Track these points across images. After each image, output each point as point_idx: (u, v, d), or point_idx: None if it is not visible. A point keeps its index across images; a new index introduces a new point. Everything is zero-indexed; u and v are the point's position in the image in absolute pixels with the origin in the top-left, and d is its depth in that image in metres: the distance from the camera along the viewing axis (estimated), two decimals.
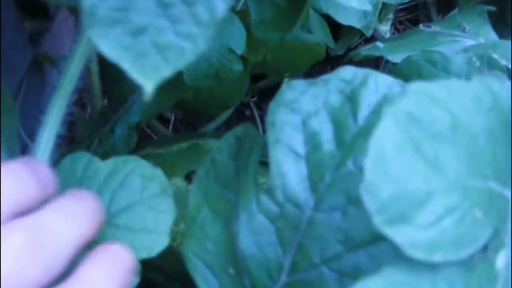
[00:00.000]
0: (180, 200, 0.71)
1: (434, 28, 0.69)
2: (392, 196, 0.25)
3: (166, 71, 0.37)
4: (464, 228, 0.26)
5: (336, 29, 1.03)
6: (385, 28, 1.06)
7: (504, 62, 0.51)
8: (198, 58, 0.61)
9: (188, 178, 0.71)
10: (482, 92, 0.29)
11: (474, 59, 0.53)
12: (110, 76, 0.73)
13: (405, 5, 1.20)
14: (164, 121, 1.06)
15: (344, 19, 0.61)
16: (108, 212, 0.46)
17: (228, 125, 1.04)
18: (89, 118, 0.95)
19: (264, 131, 1.02)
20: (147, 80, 0.36)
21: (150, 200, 0.46)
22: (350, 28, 1.00)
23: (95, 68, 0.78)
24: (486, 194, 0.28)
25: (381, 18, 1.05)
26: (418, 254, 0.25)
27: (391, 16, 1.08)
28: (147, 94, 0.36)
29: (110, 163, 0.46)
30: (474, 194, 0.27)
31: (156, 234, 0.45)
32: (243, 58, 0.76)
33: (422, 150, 0.26)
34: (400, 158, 0.26)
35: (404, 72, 0.54)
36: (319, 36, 0.75)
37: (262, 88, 1.04)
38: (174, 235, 0.69)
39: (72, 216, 0.35)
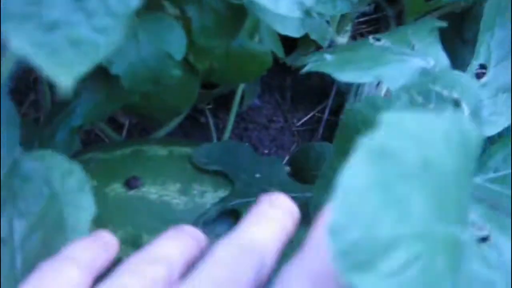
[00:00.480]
0: (119, 205, 0.70)
1: (384, 42, 0.69)
2: (359, 240, 0.24)
3: (81, 67, 0.36)
4: (428, 278, 0.25)
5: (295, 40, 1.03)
6: (342, 40, 1.06)
7: (446, 94, 0.50)
8: (136, 62, 0.60)
9: (128, 184, 0.70)
10: (452, 128, 0.28)
11: (416, 96, 0.52)
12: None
13: (366, 18, 1.20)
14: (118, 126, 1.05)
15: (281, 29, 0.61)
16: None
17: (182, 131, 1.04)
18: (35, 121, 0.94)
19: (218, 138, 1.02)
20: (62, 77, 0.36)
21: (67, 195, 0.46)
22: (306, 39, 1.01)
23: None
24: (450, 240, 0.27)
25: (339, 29, 1.05)
26: None
27: (349, 27, 1.08)
28: (63, 91, 0.35)
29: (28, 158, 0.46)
30: (439, 240, 0.26)
31: (75, 230, 0.44)
32: (190, 64, 0.76)
33: (392, 191, 0.25)
34: (370, 199, 0.25)
35: (350, 122, 0.52)
36: (268, 45, 0.75)
37: (218, 95, 1.04)
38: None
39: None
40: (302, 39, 1.03)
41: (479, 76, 0.49)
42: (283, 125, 1.08)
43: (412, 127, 0.26)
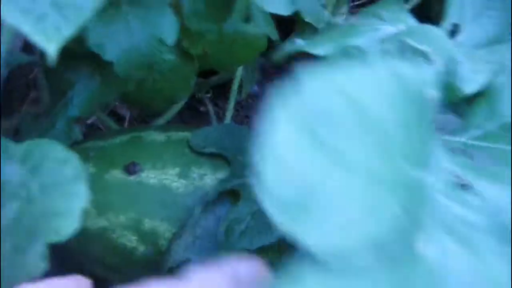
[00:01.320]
0: (119, 191, 0.71)
1: (355, 20, 0.69)
2: (295, 195, 0.24)
3: (67, 31, 0.37)
4: (382, 223, 0.24)
5: (291, 24, 1.03)
6: (337, 22, 1.07)
7: (420, 47, 0.51)
8: (129, 48, 0.61)
9: (127, 169, 0.71)
10: (386, 76, 0.28)
11: (391, 48, 0.53)
12: (51, 69, 0.73)
13: (362, 1, 1.20)
14: (119, 118, 1.06)
15: (268, 5, 0.61)
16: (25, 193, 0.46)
17: (182, 121, 1.04)
18: (35, 114, 0.95)
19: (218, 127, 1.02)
20: (49, 42, 0.36)
21: (62, 183, 0.46)
22: (301, 22, 1.01)
23: (40, 62, 0.78)
24: (401, 180, 0.26)
25: (334, 12, 1.06)
26: (332, 259, 0.23)
27: (345, 10, 1.08)
28: (50, 58, 0.36)
29: (23, 146, 0.46)
30: (387, 182, 0.26)
31: (67, 217, 0.45)
32: (184, 50, 0.76)
33: (322, 142, 0.25)
34: (300, 154, 0.25)
35: None
36: (261, 28, 0.75)
37: (216, 84, 1.05)
38: (114, 227, 0.70)
39: None
40: (297, 22, 1.04)
41: (453, 34, 0.49)
42: None
43: (342, 81, 0.26)
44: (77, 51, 0.67)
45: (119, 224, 0.70)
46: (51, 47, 0.33)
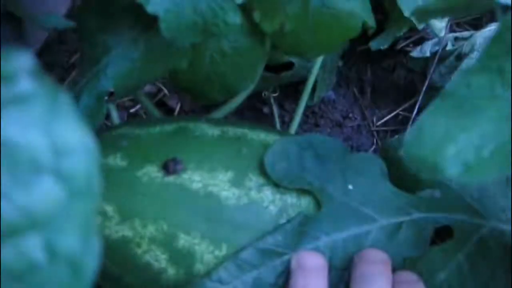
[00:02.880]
0: (152, 194, 0.55)
1: None
2: None
3: None
4: None
5: (379, 23, 0.86)
6: (439, 25, 0.89)
7: None
8: (182, 1, 0.45)
9: (166, 167, 0.54)
10: None
11: None
12: (83, 29, 0.57)
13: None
14: (168, 110, 0.90)
15: None
16: None
17: (240, 118, 0.88)
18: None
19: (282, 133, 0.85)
20: None
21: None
22: (398, 19, 0.84)
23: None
24: None
25: None
26: None
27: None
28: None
29: None
30: None
31: None
32: (254, 25, 0.60)
33: None
34: None
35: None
36: (356, 6, 0.58)
37: (286, 82, 0.88)
38: (139, 239, 0.53)
39: None
40: (393, 17, 0.86)
41: None
42: (360, 124, 0.91)
43: None
44: (117, 3, 0.51)
45: (146, 236, 0.54)
46: None
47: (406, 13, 0.78)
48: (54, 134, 0.23)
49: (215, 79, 0.63)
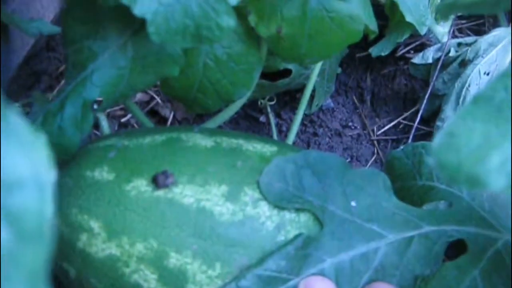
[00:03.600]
0: (141, 209, 0.51)
1: None
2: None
3: None
4: None
5: (383, 25, 0.83)
6: (442, 30, 0.86)
7: None
8: (172, 3, 0.42)
9: (156, 180, 0.51)
10: None
11: None
12: (68, 34, 0.54)
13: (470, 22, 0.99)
14: (160, 119, 0.87)
15: None
16: None
17: (235, 127, 0.85)
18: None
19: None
20: None
21: None
22: (399, 24, 0.81)
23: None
24: None
25: (438, 16, 0.85)
26: None
27: (451, 15, 0.87)
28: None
29: None
30: None
31: None
32: (250, 29, 0.57)
33: None
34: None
35: None
36: (357, 9, 0.55)
37: (283, 90, 0.84)
38: (127, 258, 0.50)
39: None
40: (394, 21, 0.83)
41: None
42: (360, 133, 0.88)
43: None
44: (103, 6, 0.48)
45: (135, 255, 0.50)
46: None
47: (408, 18, 0.75)
48: (1, 163, 0.19)
49: (209, 86, 0.60)
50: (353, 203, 0.51)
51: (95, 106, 0.54)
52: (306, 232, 0.51)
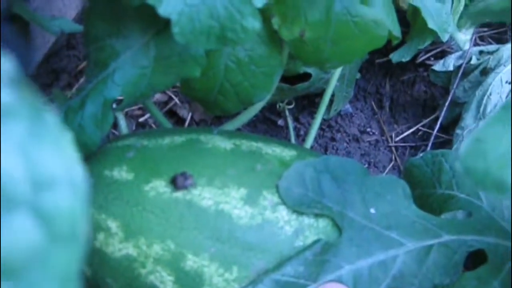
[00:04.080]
0: (159, 210, 0.51)
1: None
2: None
3: None
4: None
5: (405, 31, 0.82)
6: (464, 38, 0.85)
7: None
8: (197, 4, 0.41)
9: (175, 182, 0.51)
10: None
11: None
12: (90, 33, 0.54)
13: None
14: (178, 120, 0.87)
15: None
16: None
17: (254, 129, 0.84)
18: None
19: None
20: None
21: None
22: (421, 30, 0.80)
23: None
24: None
25: (461, 23, 0.84)
26: None
27: (471, 28, 0.86)
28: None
29: None
30: None
31: None
32: (273, 32, 0.56)
33: None
34: None
35: None
36: (380, 14, 0.55)
37: (302, 94, 0.84)
38: (144, 259, 0.49)
39: None
40: (416, 28, 0.83)
41: None
42: (378, 139, 0.87)
43: None
44: (127, 5, 0.48)
45: (152, 256, 0.50)
46: None
47: (431, 24, 0.75)
48: (34, 161, 0.19)
49: (230, 88, 0.59)
50: (372, 210, 0.50)
51: (114, 106, 0.54)
52: (325, 238, 0.51)
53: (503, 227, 0.52)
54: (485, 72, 0.80)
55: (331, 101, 0.83)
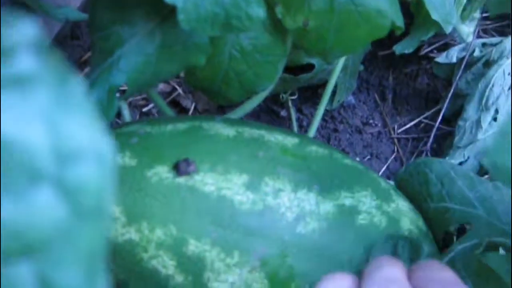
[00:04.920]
0: (161, 196, 0.52)
1: None
2: None
3: None
4: None
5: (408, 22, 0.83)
6: (467, 30, 0.85)
7: None
8: None
9: (177, 168, 0.51)
10: None
11: None
12: (95, 20, 0.54)
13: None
14: (182, 109, 0.87)
15: None
16: None
17: (257, 120, 0.85)
18: None
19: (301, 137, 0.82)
20: None
21: None
22: (424, 22, 0.80)
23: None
24: None
25: (464, 15, 0.84)
26: None
27: (477, 15, 0.87)
28: None
29: None
30: None
31: None
32: (276, 21, 0.57)
33: None
34: None
35: None
36: (384, 4, 0.55)
37: (305, 84, 0.84)
38: (146, 243, 0.50)
39: None
40: (419, 19, 0.83)
41: None
42: (381, 130, 0.87)
43: None
44: None
45: (154, 240, 0.50)
46: None
47: (434, 16, 0.75)
48: (59, 131, 0.18)
49: (234, 77, 0.60)
50: None
51: (118, 95, 0.54)
52: (326, 225, 0.52)
53: (503, 229, 0.52)
54: (488, 64, 0.80)
55: (334, 93, 0.84)
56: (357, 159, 0.84)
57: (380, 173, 0.82)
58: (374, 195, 0.55)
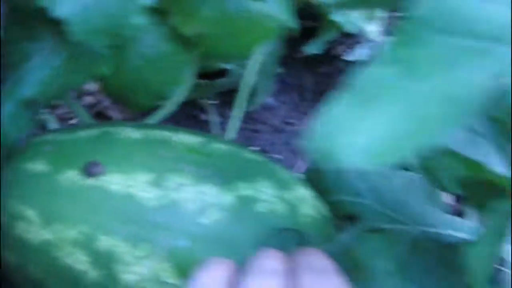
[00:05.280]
0: (73, 198, 0.55)
1: None
2: None
3: None
4: None
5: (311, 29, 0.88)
6: (373, 29, 0.91)
7: None
8: (89, 4, 0.46)
9: (86, 170, 0.55)
10: None
11: None
12: (7, 37, 0.58)
13: None
14: (109, 120, 0.91)
15: None
16: None
17: (177, 125, 0.89)
18: None
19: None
20: None
21: None
22: (330, 23, 0.86)
23: None
24: None
25: (370, 15, 0.90)
26: None
27: (383, 14, 0.92)
28: None
29: None
30: None
31: None
32: (176, 31, 0.61)
33: None
34: None
35: None
36: (273, 9, 0.60)
37: (226, 89, 0.89)
38: (60, 242, 0.54)
39: None
40: (323, 23, 0.88)
41: None
42: (299, 128, 0.92)
43: None
44: (39, 12, 0.52)
45: (68, 239, 0.54)
46: None
47: (336, 17, 0.80)
48: None
49: (140, 84, 0.64)
50: None
51: (31, 105, 0.58)
52: (230, 215, 0.56)
53: (391, 216, 0.56)
54: None
55: (253, 95, 0.88)
56: (280, 157, 0.89)
57: (294, 168, 0.87)
58: (274, 185, 0.60)
